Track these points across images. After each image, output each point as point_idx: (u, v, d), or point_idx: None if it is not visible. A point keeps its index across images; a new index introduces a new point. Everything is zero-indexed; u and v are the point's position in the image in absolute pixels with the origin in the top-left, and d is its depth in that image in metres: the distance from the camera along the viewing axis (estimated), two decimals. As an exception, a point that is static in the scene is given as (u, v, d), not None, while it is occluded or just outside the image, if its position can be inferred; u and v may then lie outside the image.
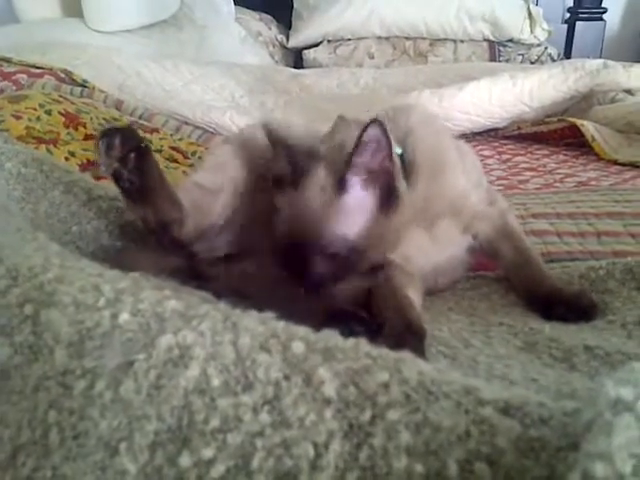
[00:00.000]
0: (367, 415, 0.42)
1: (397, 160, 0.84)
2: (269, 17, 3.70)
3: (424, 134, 0.92)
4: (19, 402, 0.50)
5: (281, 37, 3.63)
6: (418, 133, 0.92)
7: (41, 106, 1.41)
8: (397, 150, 0.87)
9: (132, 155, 0.76)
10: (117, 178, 0.77)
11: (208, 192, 0.90)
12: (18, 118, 1.31)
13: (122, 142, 0.75)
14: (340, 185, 0.81)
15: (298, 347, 0.48)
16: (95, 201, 0.95)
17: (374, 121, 0.77)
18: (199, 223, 0.86)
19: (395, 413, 0.42)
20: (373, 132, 0.77)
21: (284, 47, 3.64)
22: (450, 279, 1.01)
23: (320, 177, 0.83)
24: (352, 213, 0.81)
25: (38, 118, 1.36)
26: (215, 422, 0.44)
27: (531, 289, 0.93)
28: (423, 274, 0.94)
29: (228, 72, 2.33)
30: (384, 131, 0.78)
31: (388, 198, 0.82)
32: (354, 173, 0.80)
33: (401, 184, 0.84)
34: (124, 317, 0.51)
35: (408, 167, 0.87)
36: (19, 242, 0.64)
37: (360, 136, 0.77)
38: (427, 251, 0.93)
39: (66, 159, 1.27)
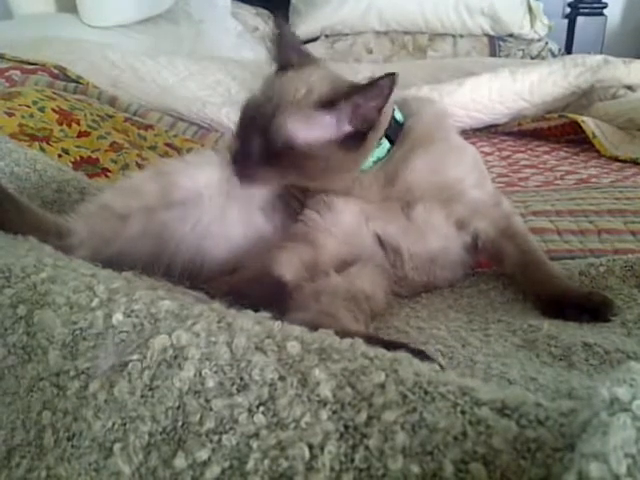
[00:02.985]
0: (363, 416, 0.42)
1: (386, 119, 0.89)
2: (266, 12, 3.67)
3: (431, 118, 0.97)
4: (13, 403, 0.50)
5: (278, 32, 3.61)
6: (425, 115, 0.96)
7: (34, 103, 1.40)
8: (398, 115, 0.92)
9: None
10: None
11: (115, 216, 0.83)
12: (11, 115, 1.31)
13: None
14: (324, 102, 0.85)
15: (294, 347, 0.48)
16: (88, 200, 0.94)
17: (391, 75, 0.80)
18: (97, 250, 0.78)
19: (391, 414, 0.41)
20: (386, 82, 0.81)
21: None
22: (449, 275, 0.99)
23: (312, 81, 0.88)
24: (313, 126, 0.85)
25: (31, 115, 1.35)
26: (210, 423, 0.44)
27: (540, 291, 0.90)
28: (418, 263, 0.94)
29: (224, 68, 2.32)
30: (393, 86, 0.81)
31: (354, 140, 0.86)
32: (345, 102, 0.84)
33: (374, 138, 0.88)
34: (118, 317, 0.51)
35: (401, 136, 0.92)
36: (11, 242, 0.64)
37: (374, 79, 0.81)
38: (404, 230, 0.92)
39: (59, 156, 1.26)
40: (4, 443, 0.48)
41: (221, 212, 0.89)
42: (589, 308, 0.84)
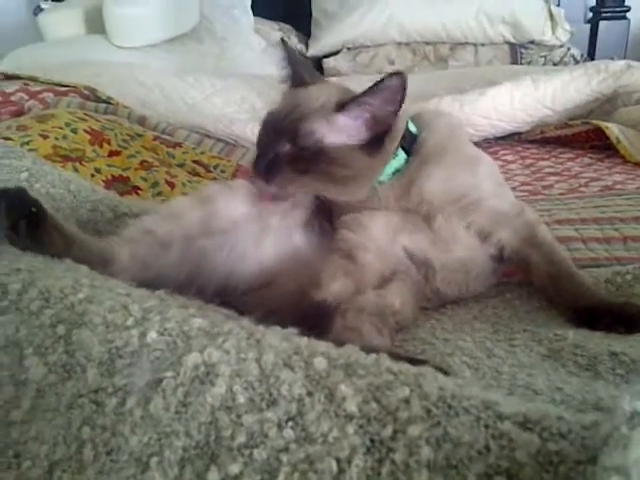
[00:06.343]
0: (389, 430, 0.43)
1: (402, 127, 0.93)
2: (288, 26, 3.71)
3: (443, 129, 0.99)
4: (54, 419, 0.52)
5: (300, 46, 3.64)
6: (438, 127, 0.99)
7: (67, 125, 1.45)
8: (412, 127, 0.96)
9: (23, 223, 0.69)
10: (14, 244, 0.70)
11: (157, 242, 0.85)
12: (45, 137, 1.35)
13: (9, 209, 0.69)
14: (342, 106, 0.89)
15: (320, 363, 0.49)
16: (121, 218, 0.97)
17: (399, 73, 0.84)
18: (137, 275, 0.78)
19: (416, 428, 0.42)
20: (395, 81, 0.84)
21: (304, 56, 3.66)
22: (480, 288, 1.00)
23: (329, 88, 0.96)
24: (335, 130, 0.90)
25: (64, 137, 1.39)
26: (241, 438, 0.45)
27: (572, 302, 0.88)
28: (450, 275, 0.94)
29: (249, 84, 2.36)
30: (404, 85, 0.85)
31: (373, 145, 0.90)
32: (358, 105, 0.88)
33: (391, 144, 0.91)
34: (152, 336, 0.53)
35: (416, 148, 0.95)
36: (49, 264, 0.67)
37: (381, 80, 0.84)
38: (430, 242, 0.92)
39: (92, 176, 1.30)
40: (46, 458, 0.50)
41: (256, 237, 0.91)
42: (624, 319, 0.82)
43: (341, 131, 0.90)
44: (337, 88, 0.98)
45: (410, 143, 0.95)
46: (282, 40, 1.06)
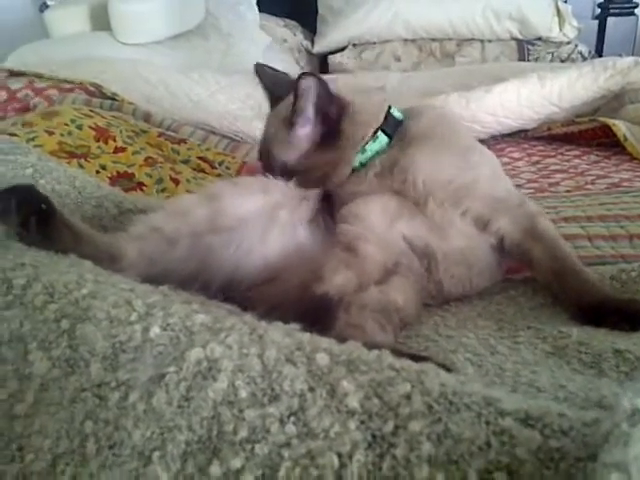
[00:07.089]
0: (390, 426, 0.43)
1: (359, 108, 1.02)
2: (294, 23, 3.71)
3: (432, 117, 1.04)
4: (57, 413, 0.52)
5: (306, 43, 3.64)
6: (426, 115, 1.04)
7: (72, 121, 1.45)
8: (397, 113, 1.03)
9: (33, 219, 0.70)
10: (24, 241, 0.70)
11: (164, 239, 0.86)
12: (51, 134, 1.36)
13: (20, 206, 0.70)
14: (286, 123, 1.01)
15: (322, 359, 0.49)
16: (125, 214, 0.98)
17: (305, 74, 0.95)
18: (143, 271, 0.78)
19: (417, 424, 0.42)
20: (306, 83, 0.95)
21: (309, 53, 3.64)
22: (485, 283, 0.99)
23: (281, 111, 1.06)
24: (292, 145, 1.01)
25: (70, 133, 1.40)
26: (243, 433, 0.46)
27: (576, 299, 0.87)
28: (453, 266, 0.94)
29: (254, 81, 2.36)
30: (317, 81, 0.95)
31: (333, 134, 0.99)
32: (297, 115, 0.98)
33: (351, 126, 1.00)
34: (155, 331, 0.53)
35: (401, 132, 1.00)
36: (53, 259, 0.67)
37: (295, 87, 0.95)
38: (427, 228, 0.93)
39: (97, 172, 1.31)
40: (49, 451, 0.50)
41: (262, 234, 0.92)
42: (629, 316, 0.82)
43: (298, 143, 1.01)
44: (284, 102, 1.07)
45: (393, 127, 1.01)
46: (255, 65, 1.23)
